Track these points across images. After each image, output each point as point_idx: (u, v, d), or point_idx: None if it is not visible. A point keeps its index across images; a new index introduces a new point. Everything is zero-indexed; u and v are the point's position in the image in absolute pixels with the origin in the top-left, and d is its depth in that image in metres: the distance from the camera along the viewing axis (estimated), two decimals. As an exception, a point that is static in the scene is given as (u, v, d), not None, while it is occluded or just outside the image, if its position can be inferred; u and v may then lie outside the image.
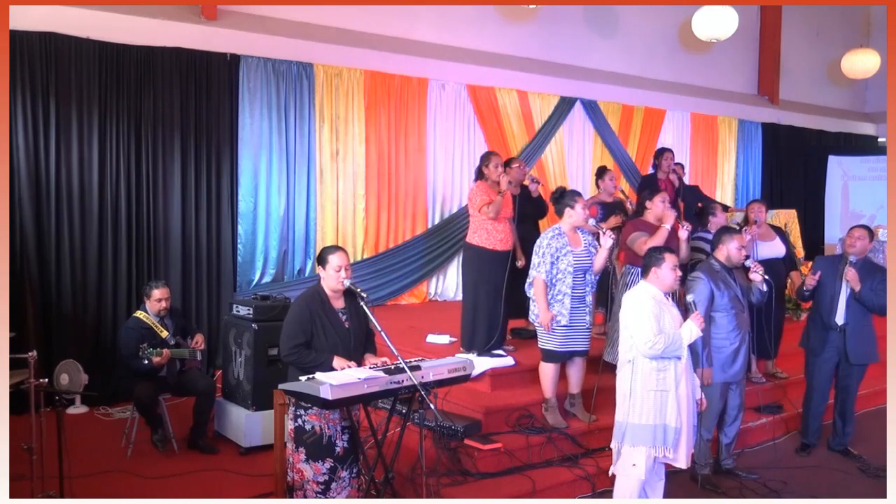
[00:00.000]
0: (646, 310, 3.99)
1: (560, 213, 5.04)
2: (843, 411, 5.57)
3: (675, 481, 4.28)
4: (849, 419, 5.57)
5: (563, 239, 4.91)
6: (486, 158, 5.77)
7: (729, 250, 4.83)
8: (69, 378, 5.98)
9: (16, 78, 5.93)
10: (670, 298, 4.20)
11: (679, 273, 4.13)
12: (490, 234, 5.60)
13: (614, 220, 5.68)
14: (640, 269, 5.31)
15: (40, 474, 3.99)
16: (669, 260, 4.08)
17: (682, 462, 4.03)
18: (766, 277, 4.91)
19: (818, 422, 5.57)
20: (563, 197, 5.04)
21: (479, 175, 5.77)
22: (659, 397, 3.96)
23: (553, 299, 4.92)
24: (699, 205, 6.62)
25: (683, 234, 5.39)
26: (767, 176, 11.91)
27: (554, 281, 4.90)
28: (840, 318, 5.33)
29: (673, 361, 3.98)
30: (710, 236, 5.89)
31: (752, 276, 4.90)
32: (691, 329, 4.02)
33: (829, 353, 5.40)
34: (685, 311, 4.32)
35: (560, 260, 4.87)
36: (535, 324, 5.03)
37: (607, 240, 4.84)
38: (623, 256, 5.75)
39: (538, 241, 4.98)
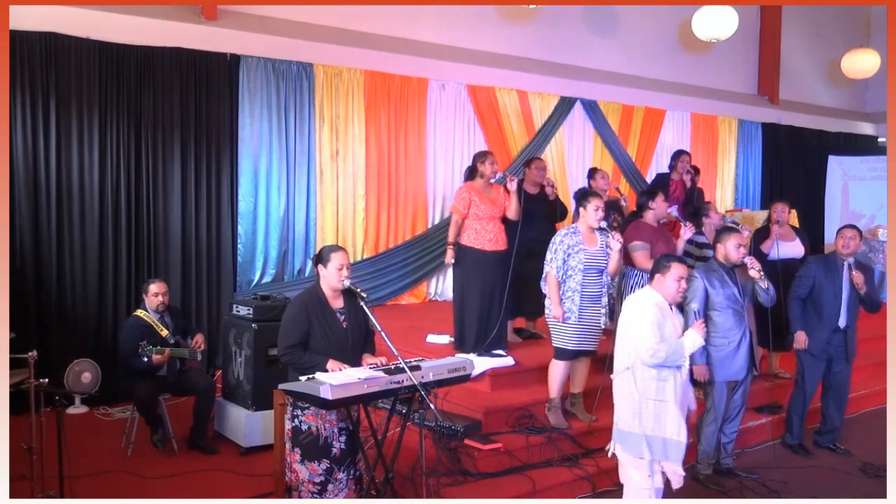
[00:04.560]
0: (648, 317, 3.95)
1: (576, 213, 5.18)
2: (839, 408, 5.61)
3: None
4: (842, 416, 5.66)
5: (577, 237, 4.98)
6: (483, 156, 5.78)
7: (727, 249, 4.83)
8: (91, 376, 6.02)
9: (16, 78, 5.93)
10: (673, 307, 4.18)
11: (684, 285, 4.09)
12: (479, 234, 5.61)
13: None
14: (637, 272, 5.35)
15: (40, 474, 3.99)
16: (675, 269, 4.04)
17: (679, 479, 3.97)
18: (762, 275, 4.90)
19: (805, 421, 5.60)
20: (581, 198, 5.16)
21: (471, 175, 5.78)
22: (657, 407, 3.92)
23: (563, 296, 4.97)
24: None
25: (688, 233, 5.50)
26: (767, 176, 11.91)
27: (564, 278, 4.95)
28: (843, 321, 5.35)
29: (673, 371, 3.93)
30: (700, 239, 5.89)
31: (750, 272, 4.89)
32: (694, 338, 4.00)
33: (826, 354, 5.41)
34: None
35: (571, 257, 4.94)
36: (549, 319, 5.06)
37: (615, 243, 4.90)
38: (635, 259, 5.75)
39: (553, 238, 5.06)
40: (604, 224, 5.02)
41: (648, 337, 3.91)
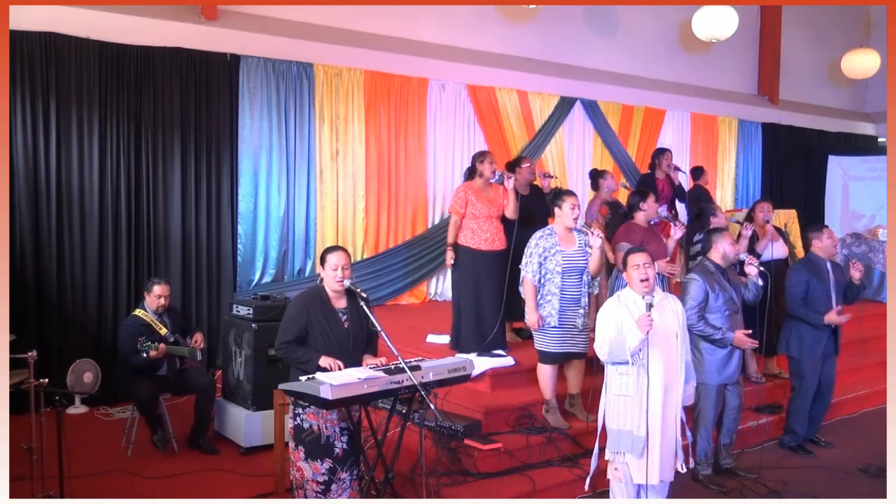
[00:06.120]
0: (603, 313, 3.98)
1: (553, 214, 5.09)
2: (825, 404, 5.67)
3: (676, 481, 4.27)
4: (826, 409, 5.74)
5: (553, 239, 4.90)
6: (481, 156, 5.77)
7: (724, 248, 4.82)
8: (93, 376, 6.04)
9: (16, 78, 5.93)
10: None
11: (645, 272, 3.91)
12: (475, 233, 5.61)
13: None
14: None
15: (40, 474, 3.99)
16: (631, 259, 3.98)
17: (652, 476, 3.86)
18: (762, 269, 4.93)
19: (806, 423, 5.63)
20: (555, 197, 5.08)
21: (470, 175, 5.78)
22: (621, 402, 3.92)
23: (542, 300, 4.92)
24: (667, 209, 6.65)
25: (678, 233, 5.45)
26: (767, 176, 11.91)
27: (543, 281, 4.90)
28: None
29: (636, 368, 3.85)
30: None
31: (747, 269, 4.88)
32: (635, 335, 3.78)
33: (821, 354, 5.45)
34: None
35: (548, 260, 4.87)
36: (527, 324, 5.05)
37: (595, 240, 4.83)
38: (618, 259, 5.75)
39: (528, 241, 5.00)
40: (580, 223, 4.98)
41: (599, 332, 3.96)
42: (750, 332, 4.77)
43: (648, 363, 3.83)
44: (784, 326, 5.56)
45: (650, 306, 3.84)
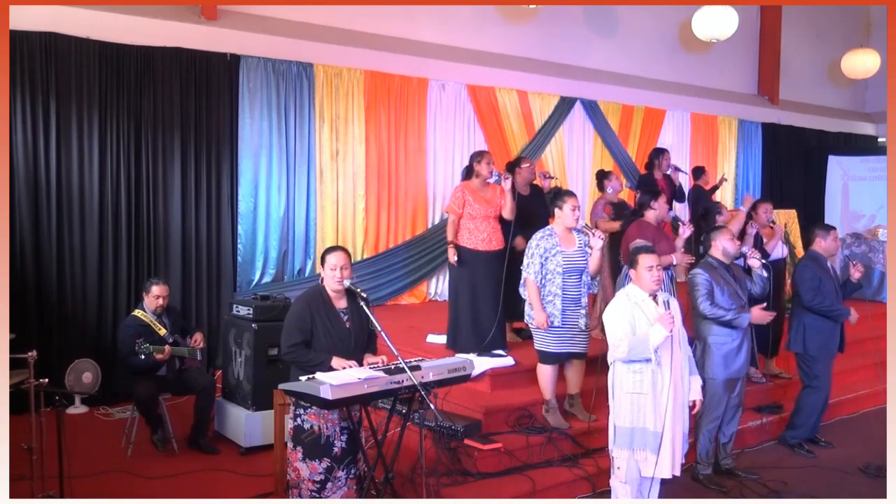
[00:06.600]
0: (616, 311, 3.98)
1: (553, 214, 5.09)
2: (827, 400, 5.64)
3: (676, 481, 4.27)
4: (826, 407, 5.72)
5: (553, 239, 4.90)
6: (479, 156, 5.76)
7: (723, 244, 4.84)
8: (92, 376, 6.04)
9: (16, 78, 5.93)
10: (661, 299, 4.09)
11: (656, 273, 3.98)
12: (471, 233, 5.61)
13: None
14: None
15: (40, 474, 4.00)
16: (643, 260, 4.00)
17: (664, 471, 3.91)
18: (765, 262, 4.94)
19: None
20: (555, 198, 5.07)
21: (468, 175, 5.77)
22: (635, 400, 3.93)
23: (544, 300, 4.91)
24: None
25: (686, 232, 5.47)
26: (767, 176, 11.91)
27: (544, 282, 4.90)
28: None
29: (650, 364, 3.88)
30: None
31: (750, 262, 4.91)
32: (659, 331, 3.83)
33: (834, 351, 5.44)
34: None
35: (549, 261, 4.87)
36: (530, 325, 5.04)
37: (597, 241, 4.83)
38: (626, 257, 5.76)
39: (529, 242, 5.00)
40: (581, 223, 4.98)
41: (614, 331, 3.96)
42: (765, 304, 4.78)
43: (668, 359, 3.88)
44: (794, 323, 5.48)
45: (667, 303, 3.93)
